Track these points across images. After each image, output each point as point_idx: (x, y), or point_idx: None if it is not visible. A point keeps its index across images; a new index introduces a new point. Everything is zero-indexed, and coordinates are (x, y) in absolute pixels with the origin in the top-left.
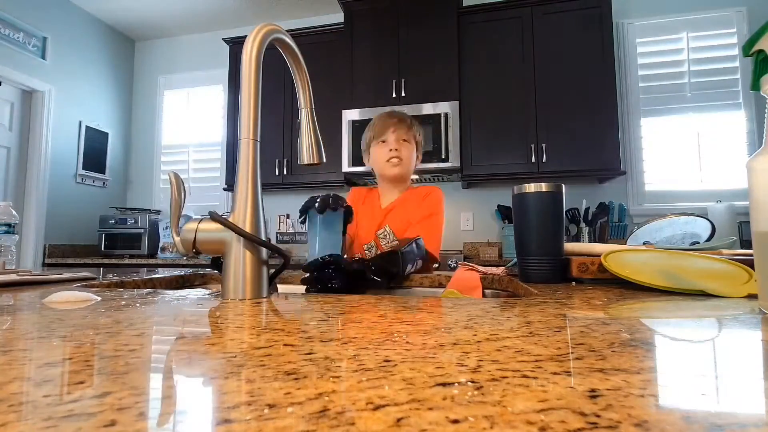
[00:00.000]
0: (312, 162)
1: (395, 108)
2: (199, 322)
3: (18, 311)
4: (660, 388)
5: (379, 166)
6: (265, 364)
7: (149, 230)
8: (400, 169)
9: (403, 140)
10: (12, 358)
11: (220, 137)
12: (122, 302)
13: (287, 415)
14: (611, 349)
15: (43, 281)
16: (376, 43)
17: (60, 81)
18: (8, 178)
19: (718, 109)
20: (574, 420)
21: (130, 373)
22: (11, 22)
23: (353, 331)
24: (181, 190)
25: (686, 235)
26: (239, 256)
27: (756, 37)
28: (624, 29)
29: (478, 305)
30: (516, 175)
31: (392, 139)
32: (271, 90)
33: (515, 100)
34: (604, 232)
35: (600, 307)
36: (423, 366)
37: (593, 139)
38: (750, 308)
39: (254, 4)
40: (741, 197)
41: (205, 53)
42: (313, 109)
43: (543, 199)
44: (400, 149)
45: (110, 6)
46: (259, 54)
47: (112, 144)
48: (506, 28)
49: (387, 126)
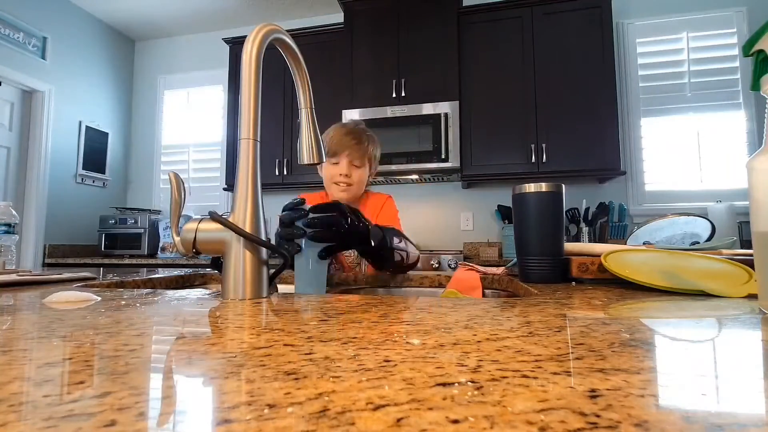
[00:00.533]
0: (312, 162)
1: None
2: (199, 322)
3: (18, 311)
4: (660, 388)
5: (327, 184)
6: (265, 364)
7: (149, 230)
8: (347, 195)
9: (356, 165)
10: (12, 358)
11: (220, 137)
12: (122, 302)
13: (287, 415)
14: (611, 349)
15: (43, 281)
16: (376, 43)
17: (60, 81)
18: (8, 178)
19: (718, 109)
20: (574, 420)
21: (130, 373)
22: (11, 22)
23: (353, 331)
24: (181, 190)
25: (686, 235)
26: (239, 256)
27: (756, 37)
28: (624, 29)
29: (478, 305)
30: (516, 175)
31: (344, 163)
32: (271, 90)
33: (515, 100)
34: (604, 232)
35: (600, 307)
36: (423, 366)
37: (593, 139)
38: (750, 308)
39: (254, 4)
40: (741, 197)
41: (205, 53)
42: (313, 109)
43: (543, 199)
44: (351, 174)
45: (110, 6)
46: (259, 54)
47: (112, 144)
48: (506, 28)
49: (342, 147)
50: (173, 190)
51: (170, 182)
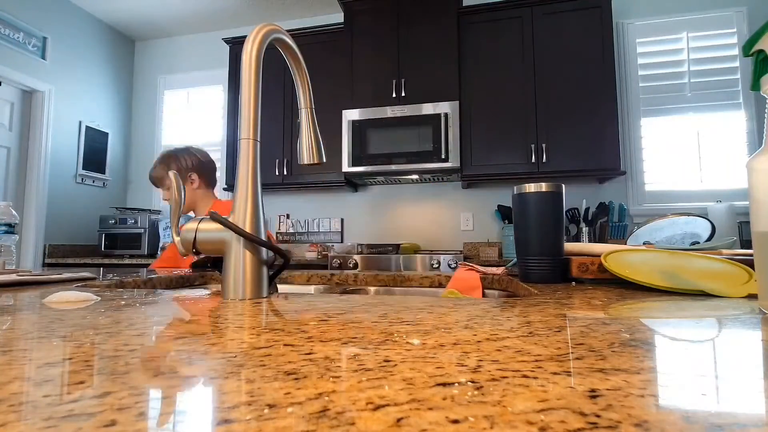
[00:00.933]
0: (312, 162)
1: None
2: (199, 322)
3: (18, 311)
4: (660, 388)
5: None
6: (265, 364)
7: (149, 230)
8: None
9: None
10: (12, 358)
11: (220, 137)
12: (122, 302)
13: (287, 415)
14: (611, 349)
15: (43, 281)
16: (376, 43)
17: (60, 81)
18: (8, 178)
19: (718, 109)
20: (574, 420)
21: (130, 373)
22: (11, 22)
23: (353, 331)
24: (181, 190)
25: (686, 235)
26: (239, 256)
27: (756, 37)
28: (624, 29)
29: (478, 305)
30: (516, 175)
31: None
32: (271, 90)
33: (515, 100)
34: (604, 232)
35: (600, 307)
36: (423, 366)
37: (593, 139)
38: (750, 308)
39: (254, 4)
40: (741, 197)
41: (205, 53)
42: (313, 109)
43: (543, 199)
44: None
45: (110, 6)
46: (259, 54)
47: (112, 144)
48: (506, 28)
49: None
50: (173, 190)
51: (170, 182)
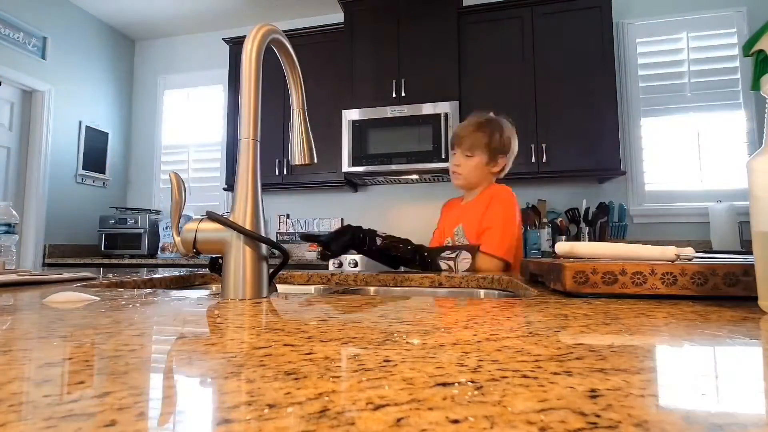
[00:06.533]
0: (303, 162)
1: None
2: (199, 322)
3: (18, 311)
4: (660, 388)
5: None
6: (265, 364)
7: (149, 230)
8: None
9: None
10: (12, 358)
11: (220, 137)
12: (122, 302)
13: (287, 415)
14: (611, 349)
15: (43, 281)
16: (376, 43)
17: (60, 81)
18: (8, 178)
19: (718, 109)
20: (574, 420)
21: (130, 373)
22: (11, 22)
23: (353, 331)
24: (182, 190)
25: None
26: (239, 256)
27: (756, 37)
28: (624, 29)
29: (478, 305)
30: (516, 175)
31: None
32: (271, 90)
33: (515, 100)
34: (604, 232)
35: (600, 306)
36: (423, 366)
37: (593, 139)
38: (750, 308)
39: (254, 4)
40: (741, 197)
41: (205, 53)
42: (305, 110)
43: None
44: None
45: (110, 6)
46: (259, 53)
47: (112, 144)
48: (506, 28)
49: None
50: (173, 190)
51: (170, 182)
